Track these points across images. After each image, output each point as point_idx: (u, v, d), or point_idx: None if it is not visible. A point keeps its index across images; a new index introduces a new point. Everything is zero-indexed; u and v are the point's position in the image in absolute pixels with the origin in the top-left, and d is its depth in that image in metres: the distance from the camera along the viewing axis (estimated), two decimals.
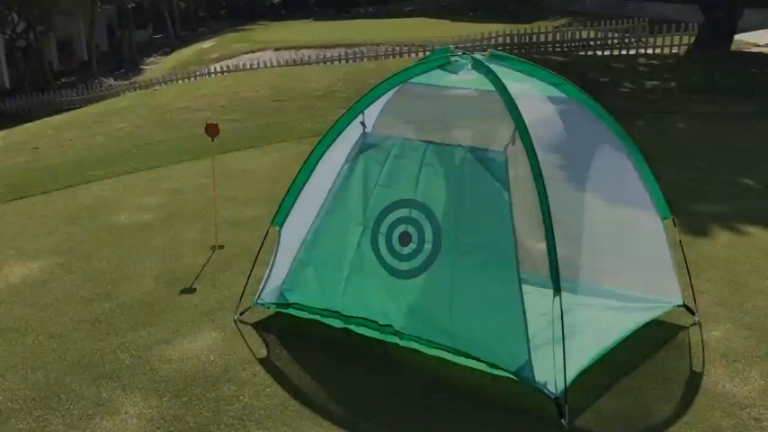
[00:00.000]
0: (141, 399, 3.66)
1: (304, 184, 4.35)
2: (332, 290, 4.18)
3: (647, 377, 3.83)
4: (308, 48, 24.41)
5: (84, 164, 8.98)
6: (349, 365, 3.98)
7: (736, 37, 16.81)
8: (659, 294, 4.33)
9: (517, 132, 3.64)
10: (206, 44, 32.25)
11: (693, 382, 3.80)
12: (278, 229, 4.44)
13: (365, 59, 18.25)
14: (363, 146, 4.18)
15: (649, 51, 17.44)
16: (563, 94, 4.11)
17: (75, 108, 18.82)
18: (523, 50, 18.66)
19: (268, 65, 19.09)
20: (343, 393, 3.72)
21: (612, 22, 19.50)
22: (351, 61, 18.27)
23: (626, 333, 4.00)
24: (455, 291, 3.79)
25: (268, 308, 4.45)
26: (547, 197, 3.54)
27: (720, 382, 3.79)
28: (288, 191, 4.41)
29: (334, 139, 4.27)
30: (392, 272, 3.99)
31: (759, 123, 9.94)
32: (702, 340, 4.21)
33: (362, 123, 4.20)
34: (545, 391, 3.49)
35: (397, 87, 4.16)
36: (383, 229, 4.04)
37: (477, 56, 4.08)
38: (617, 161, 4.16)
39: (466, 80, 4.01)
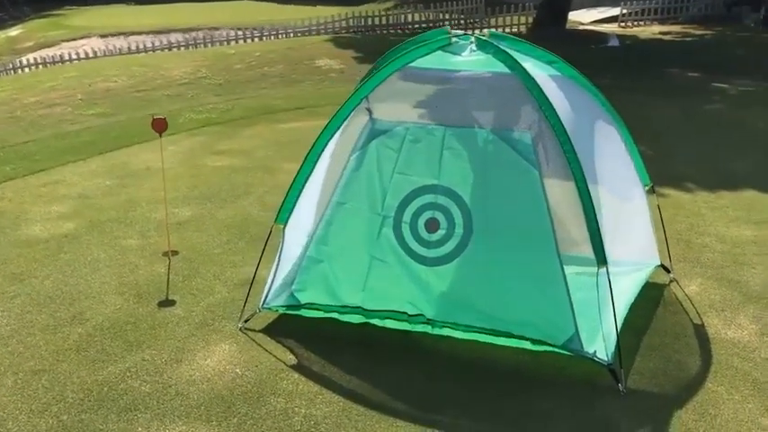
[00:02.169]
0: (186, 427, 3.29)
1: (307, 178, 4.09)
2: (351, 285, 4.01)
3: (662, 335, 4.10)
4: (140, 34, 22.75)
5: None
6: (385, 360, 3.85)
7: None
8: (645, 257, 4.64)
9: (542, 112, 3.70)
10: (12, 32, 28.91)
11: (701, 334, 4.13)
12: (282, 227, 4.15)
13: (218, 44, 17.41)
14: (372, 133, 4.03)
15: (491, 31, 18.33)
16: (558, 72, 4.23)
17: None
18: (369, 32, 18.84)
19: (105, 53, 17.61)
20: (397, 388, 3.61)
21: (452, 3, 20.21)
22: (201, 46, 17.36)
23: (634, 296, 4.24)
24: (493, 273, 3.79)
25: (276, 311, 4.18)
26: (583, 172, 3.64)
27: (721, 331, 4.15)
28: (291, 186, 4.13)
29: (338, 128, 4.06)
30: (420, 260, 3.91)
31: (621, 96, 10.87)
32: (687, 296, 4.57)
33: (368, 109, 4.04)
34: (596, 359, 3.62)
35: (399, 71, 4.03)
36: (407, 217, 3.93)
37: (481, 36, 4.09)
38: (610, 134, 4.37)
39: (473, 61, 3.98)
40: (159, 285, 4.72)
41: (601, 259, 3.62)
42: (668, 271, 4.80)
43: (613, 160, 4.32)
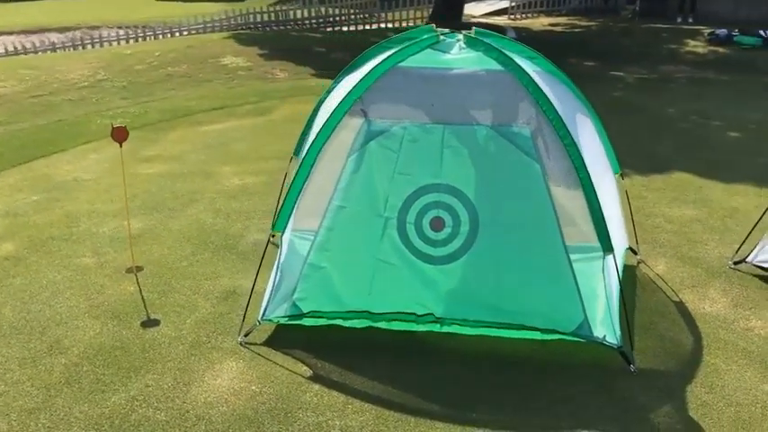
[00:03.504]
0: None
1: (304, 184, 3.96)
2: (356, 289, 3.94)
3: (650, 314, 4.32)
4: (10, 34, 21.06)
5: None
6: (398, 362, 3.82)
7: None
8: (621, 241, 4.85)
9: (539, 106, 3.79)
10: None
11: (683, 311, 4.38)
12: (279, 235, 4.00)
13: (107, 44, 16.38)
14: (369, 134, 3.96)
15: (389, 26, 18.48)
16: (539, 67, 4.34)
17: None
18: (268, 28, 18.46)
19: None
20: (420, 390, 3.59)
21: None
22: (89, 46, 16.27)
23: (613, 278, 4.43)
24: (502, 267, 3.84)
25: (277, 323, 4.03)
26: (584, 163, 3.76)
27: (699, 306, 4.43)
28: (287, 192, 3.98)
29: (333, 131, 3.95)
30: (427, 259, 3.89)
31: None
32: (658, 275, 4.84)
33: (363, 110, 3.97)
34: (605, 343, 3.75)
35: (389, 71, 3.99)
36: (411, 217, 3.90)
37: (469, 34, 4.12)
38: (587, 125, 4.53)
39: (464, 59, 4.02)
40: (135, 305, 4.43)
41: (607, 247, 3.77)
42: (635, 253, 5.06)
43: (593, 150, 4.47)
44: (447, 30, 4.21)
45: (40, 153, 7.97)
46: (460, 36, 4.13)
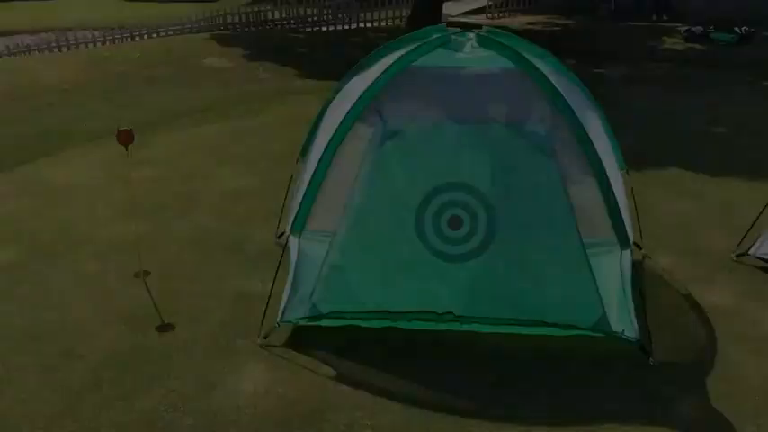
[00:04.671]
0: None
1: (321, 185, 3.96)
2: (375, 289, 3.94)
3: (662, 309, 4.37)
4: None
5: None
6: (421, 360, 3.85)
7: None
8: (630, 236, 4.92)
9: (555, 105, 3.84)
10: None
11: (693, 304, 4.46)
12: (297, 236, 3.99)
13: (83, 46, 16.14)
14: (385, 134, 3.96)
15: (368, 25, 18.47)
16: (549, 66, 4.39)
17: None
18: (247, 29, 18.34)
19: None
20: (448, 387, 3.62)
21: None
22: (64, 48, 16.01)
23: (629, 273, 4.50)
24: (520, 264, 3.88)
25: (296, 324, 4.01)
26: (600, 161, 3.82)
27: (708, 299, 4.51)
28: (304, 193, 3.98)
29: (348, 132, 3.96)
30: (446, 258, 3.91)
31: None
32: (664, 269, 4.92)
33: (378, 111, 3.97)
34: (624, 337, 3.81)
35: (405, 70, 4.00)
36: (428, 216, 3.90)
37: (480, 32, 4.15)
38: (595, 122, 4.59)
39: (477, 58, 4.05)
40: (147, 309, 4.38)
41: (624, 242, 3.83)
42: (640, 247, 5.13)
43: (602, 147, 4.52)
44: (458, 29, 4.23)
45: (27, 158, 7.82)
46: (472, 35, 4.16)
